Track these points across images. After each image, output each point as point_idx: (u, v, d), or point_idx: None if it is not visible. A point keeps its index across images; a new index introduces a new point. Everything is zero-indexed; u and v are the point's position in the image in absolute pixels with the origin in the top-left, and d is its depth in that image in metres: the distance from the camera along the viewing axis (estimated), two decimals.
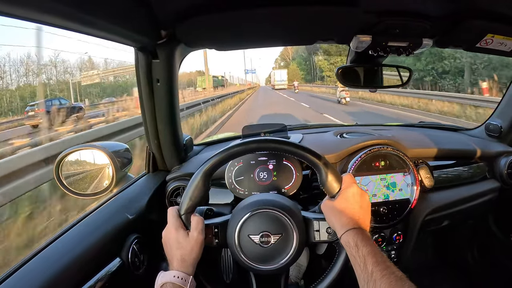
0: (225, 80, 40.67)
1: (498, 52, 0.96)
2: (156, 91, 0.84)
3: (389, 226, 0.96)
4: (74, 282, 0.57)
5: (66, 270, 0.57)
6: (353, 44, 0.86)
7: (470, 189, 1.09)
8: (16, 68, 31.54)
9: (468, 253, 1.33)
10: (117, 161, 0.89)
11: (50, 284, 0.54)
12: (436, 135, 1.15)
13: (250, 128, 1.00)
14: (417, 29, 0.82)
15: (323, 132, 1.16)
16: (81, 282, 0.58)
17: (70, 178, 0.89)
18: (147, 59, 0.79)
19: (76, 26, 0.52)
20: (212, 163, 0.62)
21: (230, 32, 0.80)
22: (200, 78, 34.53)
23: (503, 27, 0.81)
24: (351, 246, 0.53)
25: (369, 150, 0.92)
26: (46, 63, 31.55)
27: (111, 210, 0.79)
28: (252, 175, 0.88)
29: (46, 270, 0.55)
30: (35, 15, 0.44)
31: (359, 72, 1.05)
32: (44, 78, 31.76)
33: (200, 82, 33.31)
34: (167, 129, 0.89)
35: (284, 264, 0.62)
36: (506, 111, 1.14)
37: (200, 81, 33.56)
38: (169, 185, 0.91)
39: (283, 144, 0.63)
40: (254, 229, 0.62)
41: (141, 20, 0.65)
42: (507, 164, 1.09)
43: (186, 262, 0.58)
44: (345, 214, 0.57)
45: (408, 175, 0.96)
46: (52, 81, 32.44)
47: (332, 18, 0.77)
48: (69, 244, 0.63)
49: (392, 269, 0.47)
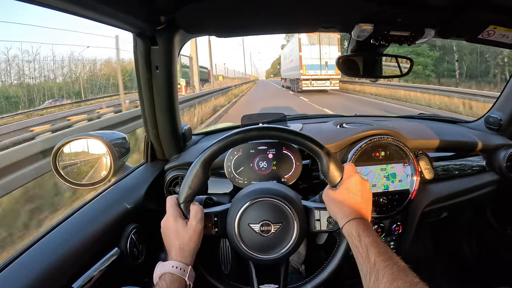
0: (208, 72, 27.19)
1: (500, 44, 0.96)
2: (155, 79, 0.83)
3: (388, 216, 0.96)
4: (73, 271, 0.56)
5: (65, 260, 0.57)
6: (354, 32, 0.85)
7: (469, 181, 1.09)
8: None
9: (466, 245, 1.34)
10: (115, 150, 0.88)
11: (49, 274, 0.53)
12: (436, 126, 1.15)
13: (249, 118, 0.99)
14: (419, 19, 0.81)
15: (322, 122, 1.16)
16: (79, 271, 0.57)
17: (68, 168, 0.88)
18: (146, 46, 0.78)
19: (75, 8, 0.51)
20: (211, 152, 0.61)
21: (231, 19, 0.79)
22: None
23: (505, 18, 0.80)
24: (354, 236, 0.52)
25: (369, 140, 0.92)
26: None
27: (109, 200, 0.79)
28: (252, 165, 0.88)
29: (44, 259, 0.55)
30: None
31: (358, 62, 1.05)
32: None
33: None
34: (166, 118, 0.88)
35: (285, 254, 0.62)
36: (506, 104, 1.14)
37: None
38: (168, 175, 0.90)
39: (284, 132, 0.62)
40: (255, 218, 0.62)
41: (140, 5, 0.64)
42: (507, 157, 1.09)
43: (184, 252, 0.57)
44: (347, 204, 0.56)
45: (408, 166, 0.96)
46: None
47: (334, 6, 0.76)
48: (67, 234, 0.63)
49: (395, 260, 0.47)
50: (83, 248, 0.61)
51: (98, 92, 30.22)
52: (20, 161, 2.75)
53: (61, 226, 0.65)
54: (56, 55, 31.51)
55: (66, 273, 0.55)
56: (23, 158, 2.79)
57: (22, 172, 2.73)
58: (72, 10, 0.51)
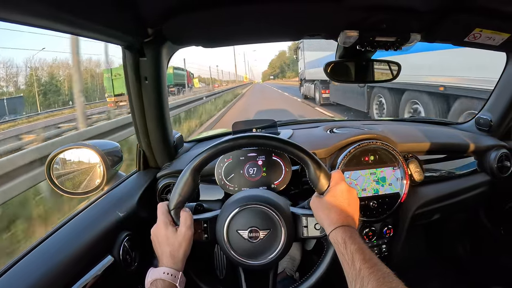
0: (188, 75, 21.70)
1: (486, 47, 0.97)
2: (144, 89, 0.84)
3: (379, 220, 0.97)
4: (66, 280, 0.57)
5: (58, 268, 0.58)
6: (340, 39, 0.86)
7: (460, 183, 1.10)
8: None
9: (460, 246, 1.34)
10: (107, 159, 0.90)
11: (43, 282, 0.54)
12: (426, 129, 1.16)
13: (240, 124, 1.00)
14: (405, 24, 0.82)
15: (313, 127, 1.17)
16: (73, 280, 0.58)
17: (62, 177, 0.90)
18: (135, 58, 0.79)
19: (63, 27, 0.52)
20: (200, 159, 0.63)
21: (216, 30, 0.80)
22: (107, 73, 15.78)
23: (491, 21, 0.81)
24: (340, 243, 0.53)
25: (358, 145, 0.93)
26: None
27: (102, 208, 0.80)
28: (242, 171, 0.89)
29: (38, 269, 0.56)
30: (20, 18, 0.44)
31: (350, 67, 1.05)
32: None
33: (108, 84, 15.29)
34: (157, 127, 0.89)
35: (273, 259, 0.63)
36: (495, 105, 1.15)
37: (107, 82, 15.42)
38: (160, 182, 0.92)
39: (273, 140, 0.64)
40: (243, 224, 0.63)
41: (128, 19, 0.65)
42: (497, 157, 1.10)
43: (175, 258, 0.59)
44: (334, 211, 0.58)
45: (397, 169, 0.97)
46: None
47: (319, 14, 0.77)
48: (60, 243, 0.64)
49: (380, 266, 0.48)
50: (77, 257, 0.62)
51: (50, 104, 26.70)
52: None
53: (55, 235, 0.66)
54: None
55: (60, 282, 0.56)
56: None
57: None
58: (59, 28, 0.52)
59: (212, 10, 0.69)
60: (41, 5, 0.43)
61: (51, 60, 34.23)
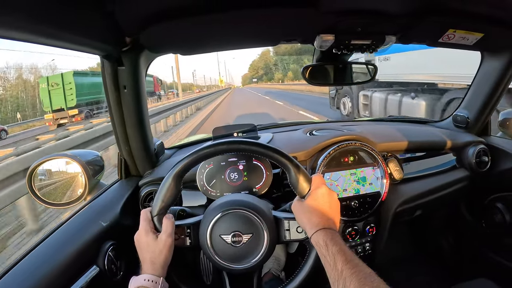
0: (154, 82, 19.25)
1: (461, 46, 0.99)
2: (123, 98, 0.84)
3: (361, 219, 0.99)
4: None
5: (43, 281, 0.58)
6: (316, 43, 0.88)
7: (440, 179, 1.13)
8: None
9: (443, 241, 1.37)
10: (89, 169, 0.90)
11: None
12: (405, 128, 1.18)
13: (220, 130, 1.01)
14: (379, 27, 0.84)
15: (293, 130, 1.18)
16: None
17: (44, 188, 0.89)
18: (113, 67, 0.80)
19: (39, 39, 0.52)
20: (182, 166, 0.63)
21: (193, 38, 0.81)
22: (43, 83, 12.62)
23: (463, 22, 0.83)
24: (321, 245, 0.54)
25: (337, 146, 0.94)
26: None
27: (85, 218, 0.80)
28: (223, 176, 0.89)
29: (22, 283, 0.56)
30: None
31: (329, 70, 1.07)
32: None
33: (45, 96, 12.17)
34: (137, 135, 0.89)
35: (256, 263, 0.64)
36: (472, 102, 1.18)
37: (44, 94, 12.25)
38: (142, 190, 0.92)
39: (253, 146, 0.65)
40: (226, 229, 0.64)
41: (106, 29, 0.66)
42: (475, 153, 1.13)
43: (155, 264, 0.59)
44: (315, 214, 0.59)
45: (377, 169, 0.99)
46: None
47: (294, 20, 0.78)
48: (44, 256, 0.64)
49: (361, 267, 0.49)
50: (62, 269, 0.62)
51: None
52: None
53: (38, 248, 0.66)
54: None
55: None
56: None
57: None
58: (36, 41, 0.52)
59: (188, 18, 0.70)
60: (16, 17, 0.43)
61: None
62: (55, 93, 11.92)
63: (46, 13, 0.47)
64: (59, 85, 11.40)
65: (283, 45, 11.62)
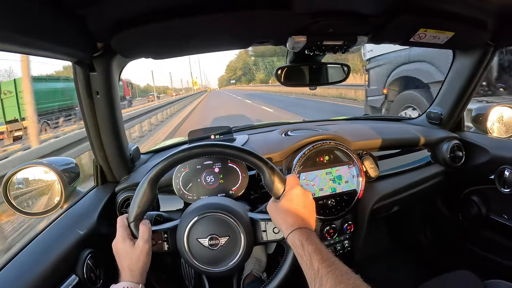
0: (124, 86, 17.75)
1: (432, 45, 1.02)
2: (97, 103, 0.84)
3: (338, 217, 1.00)
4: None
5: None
6: (289, 44, 0.89)
7: (416, 175, 1.16)
8: None
9: (421, 236, 1.41)
10: (64, 176, 0.89)
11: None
12: (379, 126, 1.21)
13: (196, 133, 1.02)
14: (351, 28, 0.85)
15: (269, 131, 1.19)
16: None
17: (19, 197, 0.88)
18: (85, 72, 0.79)
19: (9, 47, 0.51)
20: (157, 170, 0.64)
21: (165, 42, 0.81)
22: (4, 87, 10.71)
23: (434, 21, 0.85)
24: (297, 245, 0.55)
25: (312, 146, 0.96)
26: None
27: (62, 227, 0.79)
28: (199, 180, 0.90)
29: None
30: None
31: (304, 71, 1.08)
32: None
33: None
34: (112, 140, 0.89)
35: (234, 265, 0.64)
36: (445, 99, 1.21)
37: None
38: (119, 197, 0.91)
39: (227, 148, 0.65)
40: (202, 233, 0.64)
41: (76, 34, 0.65)
42: (449, 148, 1.16)
43: (133, 271, 0.59)
44: (290, 215, 0.59)
45: (353, 167, 1.01)
46: None
47: (266, 22, 0.78)
48: (22, 267, 0.63)
49: (337, 265, 0.49)
50: (40, 279, 0.61)
51: None
52: None
53: (16, 258, 0.65)
54: None
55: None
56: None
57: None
58: (6, 49, 0.51)
59: (159, 22, 0.70)
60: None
61: None
62: (8, 102, 10.41)
63: (15, 20, 0.47)
64: (12, 93, 10.01)
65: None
